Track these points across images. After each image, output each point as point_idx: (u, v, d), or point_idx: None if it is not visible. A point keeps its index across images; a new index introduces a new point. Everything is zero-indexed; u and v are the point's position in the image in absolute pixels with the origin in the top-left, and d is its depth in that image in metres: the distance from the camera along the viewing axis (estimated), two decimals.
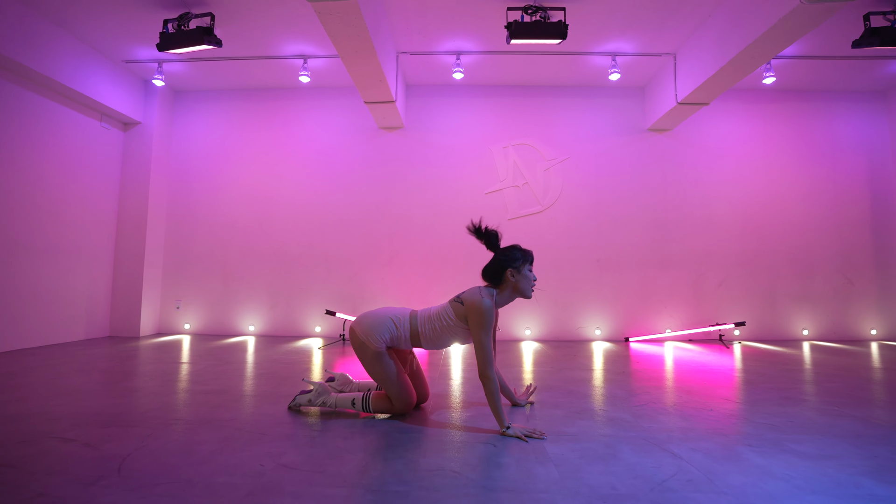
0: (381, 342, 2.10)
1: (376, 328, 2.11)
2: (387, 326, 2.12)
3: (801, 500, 1.37)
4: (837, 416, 2.24)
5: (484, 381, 1.95)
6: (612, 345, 4.86)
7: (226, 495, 1.38)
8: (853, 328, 5.21)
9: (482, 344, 1.97)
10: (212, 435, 1.91)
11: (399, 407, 2.16)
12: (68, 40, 4.31)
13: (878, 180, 5.37)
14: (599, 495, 1.39)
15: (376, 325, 2.12)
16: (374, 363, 2.10)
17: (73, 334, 4.68)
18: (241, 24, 4.16)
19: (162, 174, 5.40)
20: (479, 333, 1.98)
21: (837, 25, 4.04)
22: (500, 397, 1.97)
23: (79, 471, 1.54)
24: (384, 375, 2.11)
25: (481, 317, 1.98)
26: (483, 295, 2.03)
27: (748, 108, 5.42)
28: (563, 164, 5.33)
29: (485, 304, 2.00)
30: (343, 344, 4.72)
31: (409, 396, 2.15)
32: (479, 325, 1.98)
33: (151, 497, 1.36)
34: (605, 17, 4.08)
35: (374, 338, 2.10)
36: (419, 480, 1.49)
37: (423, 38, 4.42)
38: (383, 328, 2.11)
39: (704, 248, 5.27)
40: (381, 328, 2.11)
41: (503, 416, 1.93)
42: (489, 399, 1.94)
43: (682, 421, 2.16)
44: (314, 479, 1.50)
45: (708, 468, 1.60)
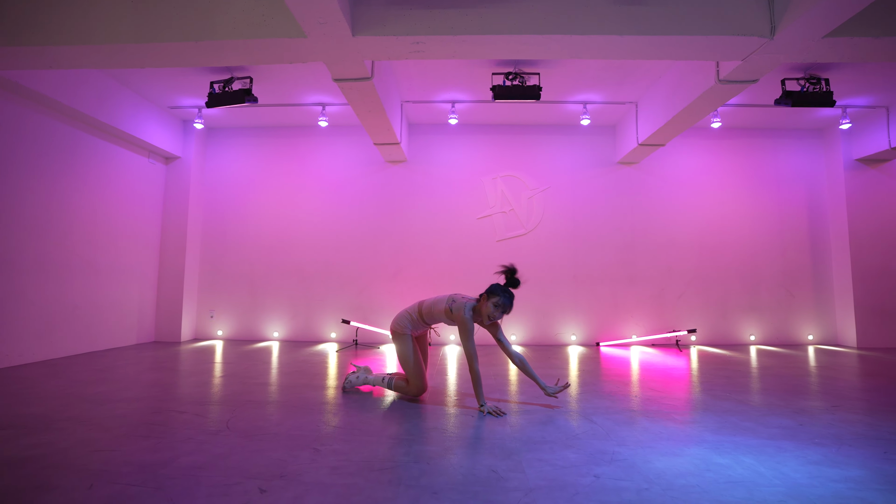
0: (406, 328, 2.99)
1: (401, 320, 3.01)
2: (406, 318, 3.00)
3: (657, 443, 2.22)
4: (723, 400, 3.09)
5: (472, 371, 2.73)
6: (584, 348, 5.71)
7: (302, 440, 2.23)
8: (793, 334, 6.06)
9: (465, 346, 2.77)
10: (277, 410, 2.76)
11: (414, 387, 2.95)
12: (128, 94, 5.19)
13: (815, 207, 6.24)
14: (532, 440, 2.24)
15: (401, 319, 3.02)
16: (401, 345, 2.96)
17: (126, 339, 5.54)
18: (275, 83, 5.04)
19: (198, 201, 6.27)
20: (463, 339, 2.79)
21: (767, 83, 4.90)
22: (480, 383, 2.74)
23: (203, 427, 2.39)
24: (406, 357, 2.93)
25: (463, 326, 2.77)
26: (466, 309, 2.79)
27: (704, 144, 6.29)
28: (544, 192, 6.20)
29: (465, 317, 2.78)
30: (356, 348, 5.57)
31: (424, 381, 2.97)
32: (464, 333, 2.77)
33: (256, 441, 2.21)
34: (575, 76, 4.95)
35: (400, 326, 3.00)
36: (422, 434, 2.34)
37: (423, 91, 5.30)
38: (405, 319, 3.00)
39: (666, 266, 6.13)
40: (404, 320, 3.01)
41: (481, 398, 2.73)
42: (474, 382, 2.73)
43: (611, 402, 3.01)
44: (355, 433, 2.34)
45: (610, 429, 2.45)
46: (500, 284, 2.87)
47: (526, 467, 1.91)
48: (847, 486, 1.75)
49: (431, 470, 1.88)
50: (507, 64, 4.62)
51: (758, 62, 3.42)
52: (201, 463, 1.93)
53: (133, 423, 2.48)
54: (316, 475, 1.82)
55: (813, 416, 2.68)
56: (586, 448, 2.14)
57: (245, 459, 1.97)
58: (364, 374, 3.22)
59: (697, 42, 3.18)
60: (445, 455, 2.04)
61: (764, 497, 1.65)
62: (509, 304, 2.82)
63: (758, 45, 3.17)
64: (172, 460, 1.95)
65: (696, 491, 1.70)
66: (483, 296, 2.85)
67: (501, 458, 2.01)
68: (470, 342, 2.78)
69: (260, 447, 2.12)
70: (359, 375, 3.22)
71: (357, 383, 3.22)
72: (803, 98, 4.49)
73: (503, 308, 2.79)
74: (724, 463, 1.96)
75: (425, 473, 1.84)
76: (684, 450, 2.12)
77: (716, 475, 1.84)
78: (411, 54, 3.35)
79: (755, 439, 2.27)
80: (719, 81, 3.81)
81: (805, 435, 2.34)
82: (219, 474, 1.82)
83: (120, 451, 2.06)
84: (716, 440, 2.26)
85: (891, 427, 2.49)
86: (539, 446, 2.16)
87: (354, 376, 3.23)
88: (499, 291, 2.81)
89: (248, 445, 2.14)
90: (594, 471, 1.88)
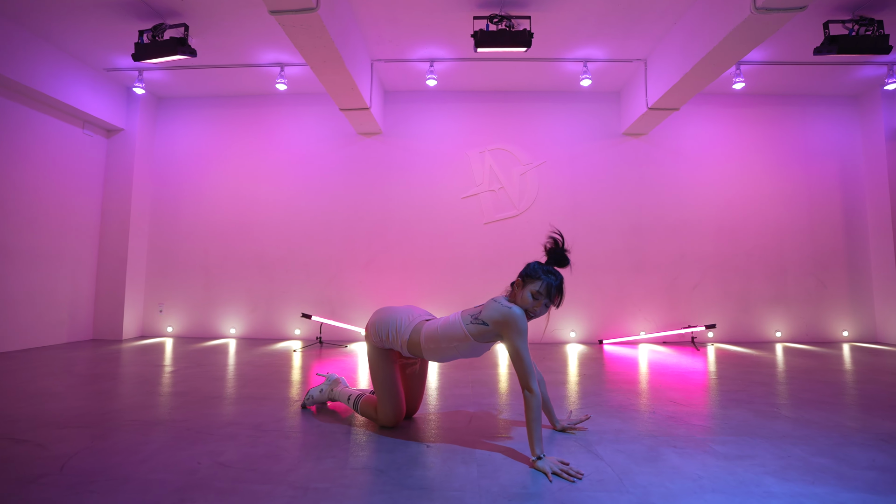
0: (377, 339, 2.05)
1: (380, 324, 2.05)
2: (389, 327, 2.03)
3: (699, 498, 1.45)
4: (772, 418, 2.32)
5: (527, 396, 1.72)
6: (585, 347, 4.94)
7: (156, 491, 1.46)
8: (825, 330, 5.28)
9: (520, 355, 1.76)
10: (160, 435, 1.99)
11: (383, 415, 2.07)
12: (47, 49, 4.40)
13: (850, 184, 5.44)
14: (505, 492, 1.47)
15: (381, 322, 2.06)
16: (370, 357, 2.10)
17: (55, 337, 4.77)
18: (217, 34, 4.25)
19: (145, 180, 5.49)
20: (517, 343, 1.78)
21: (801, 32, 4.11)
22: (540, 419, 1.71)
23: (23, 470, 1.62)
24: (377, 375, 2.08)
25: (515, 326, 1.78)
26: (504, 304, 1.84)
27: (722, 113, 5.49)
28: (538, 168, 5.41)
29: (515, 311, 1.80)
30: (320, 346, 4.80)
31: (396, 409, 2.06)
32: (517, 334, 1.78)
33: (84, 494, 1.44)
34: (573, 25, 4.16)
35: (374, 333, 2.06)
36: (342, 479, 1.57)
37: (395, 45, 4.51)
38: (385, 327, 2.03)
39: (679, 252, 5.35)
40: (383, 327, 2.04)
41: (539, 442, 1.67)
42: (528, 417, 1.70)
43: (620, 423, 2.24)
44: (244, 476, 1.58)
45: (624, 469, 1.67)
46: (540, 263, 1.92)
47: None
48: None
49: None
50: (490, 5, 3.83)
51: None
52: None
53: None
54: None
55: None
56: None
57: None
58: (330, 388, 2.41)
59: None
60: None
61: None
62: (558, 293, 1.86)
63: None
64: None
65: None
66: (517, 282, 1.90)
67: None
68: (525, 345, 1.79)
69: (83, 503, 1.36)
70: (322, 389, 2.42)
71: (320, 399, 2.41)
72: (852, 43, 3.68)
73: (549, 297, 1.85)
74: None
75: None
76: None
77: None
78: None
79: (847, 491, 1.50)
80: (756, 10, 3.01)
81: None
82: None
83: None
84: (788, 493, 1.48)
85: None
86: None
87: (318, 390, 2.42)
88: (541, 273, 1.86)
89: (62, 500, 1.38)
90: None
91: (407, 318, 2.03)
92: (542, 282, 1.84)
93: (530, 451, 1.69)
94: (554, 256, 1.91)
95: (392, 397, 2.07)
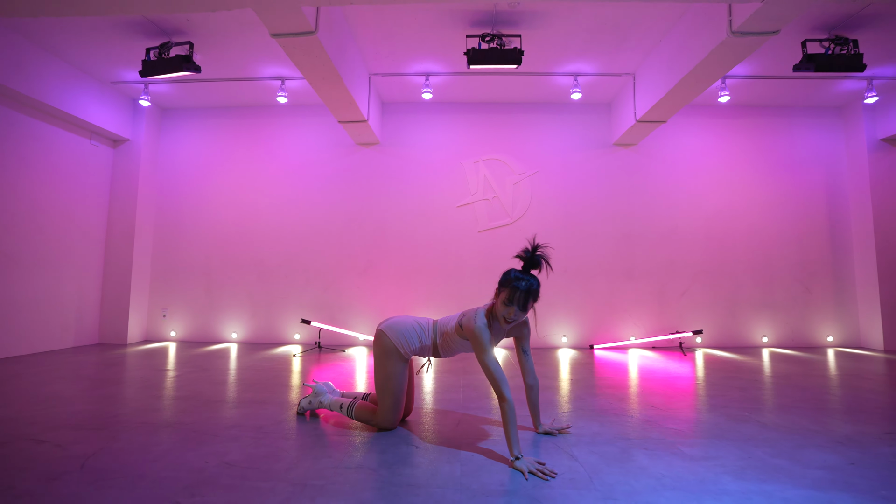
0: (410, 350, 2.19)
1: (408, 335, 2.18)
2: (416, 335, 2.19)
3: (658, 496, 1.60)
4: (742, 422, 2.47)
5: (500, 402, 1.86)
6: (576, 352, 5.08)
7: (169, 487, 1.62)
8: (811, 335, 5.43)
9: (486, 365, 1.91)
10: (169, 437, 2.14)
11: (382, 420, 2.20)
12: (57, 64, 4.57)
13: (835, 193, 5.60)
14: (484, 489, 1.62)
15: (407, 333, 2.19)
16: (392, 368, 2.17)
17: (62, 342, 4.93)
18: (221, 50, 4.42)
19: (149, 188, 5.65)
20: (480, 355, 1.95)
21: (783, 49, 4.27)
22: (515, 422, 1.84)
23: (46, 468, 1.77)
24: (390, 384, 2.17)
25: (475, 339, 1.97)
26: (477, 317, 2.01)
27: (711, 124, 5.65)
28: (531, 177, 5.57)
29: (476, 325, 1.98)
30: (319, 351, 4.96)
31: (397, 414, 2.21)
32: (478, 347, 1.96)
33: (104, 489, 1.60)
34: (563, 41, 4.32)
35: (405, 345, 2.18)
36: (337, 476, 1.72)
37: (392, 60, 4.67)
38: (413, 336, 2.19)
39: (668, 259, 5.50)
40: (412, 336, 2.19)
41: (516, 443, 1.81)
42: (504, 422, 1.84)
43: (599, 426, 2.39)
44: (248, 475, 1.73)
45: (596, 469, 1.83)
46: (516, 270, 2.02)
47: None
48: None
49: None
50: (483, 24, 3.99)
51: (780, 3, 2.78)
52: None
53: None
54: None
55: (864, 449, 2.06)
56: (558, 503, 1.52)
57: None
58: (318, 400, 2.46)
59: None
60: None
61: None
62: (524, 296, 1.93)
63: None
64: None
65: None
66: (496, 290, 2.05)
67: None
68: (487, 357, 1.93)
69: (101, 498, 1.51)
70: (311, 401, 2.47)
71: (310, 408, 2.48)
72: (828, 62, 3.85)
73: (517, 302, 1.93)
74: None
75: None
76: None
77: None
78: None
79: (795, 489, 1.65)
80: (732, 34, 3.17)
81: (863, 482, 1.71)
82: None
83: None
84: (741, 491, 1.63)
85: None
86: (492, 502, 1.54)
87: (307, 401, 2.49)
88: (511, 280, 1.96)
89: (87, 495, 1.53)
90: None
91: (423, 323, 2.25)
92: (508, 289, 1.96)
93: (509, 453, 1.84)
94: (526, 262, 2.02)
95: (397, 402, 2.21)
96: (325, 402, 2.46)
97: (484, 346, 1.95)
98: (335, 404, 2.42)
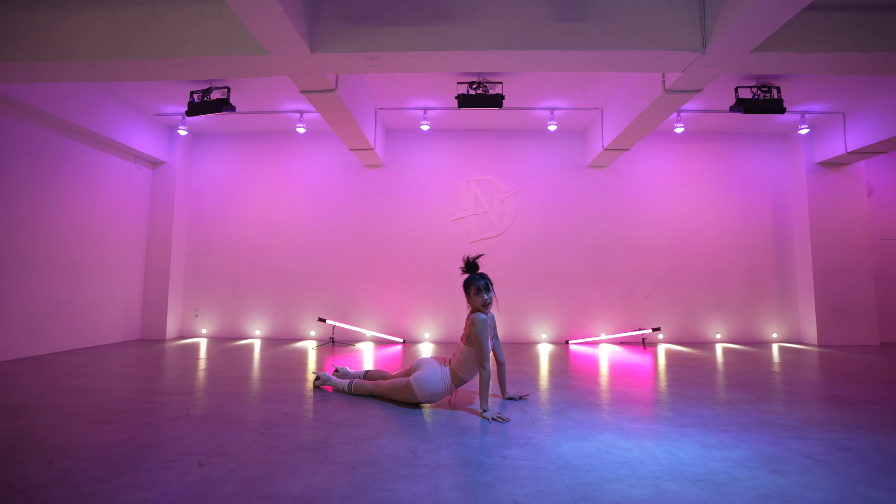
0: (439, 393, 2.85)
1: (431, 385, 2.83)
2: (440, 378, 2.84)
3: (575, 430, 2.43)
4: (659, 393, 3.30)
5: (480, 370, 2.67)
6: (554, 346, 5.92)
7: (252, 425, 2.44)
8: (758, 332, 6.26)
9: (479, 343, 2.67)
10: (236, 400, 2.98)
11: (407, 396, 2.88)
12: (111, 101, 5.41)
13: (779, 209, 6.44)
14: (461, 427, 2.46)
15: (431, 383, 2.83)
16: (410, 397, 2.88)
17: (112, 337, 5.76)
18: (252, 92, 5.26)
19: (183, 204, 6.49)
20: (478, 333, 2.69)
21: (724, 90, 5.09)
22: (488, 387, 2.65)
23: (164, 415, 2.60)
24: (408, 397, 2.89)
25: (474, 326, 2.71)
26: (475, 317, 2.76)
27: (671, 148, 6.50)
28: (516, 195, 6.41)
29: (477, 316, 2.75)
30: (332, 345, 5.79)
31: None
32: (477, 328, 2.70)
33: (211, 425, 2.43)
34: (537, 84, 5.15)
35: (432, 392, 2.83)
36: (363, 420, 2.55)
37: (396, 98, 5.51)
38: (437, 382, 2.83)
39: (635, 266, 6.34)
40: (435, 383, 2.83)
41: (485, 401, 2.63)
42: (480, 385, 2.66)
43: (553, 394, 3.22)
44: (300, 420, 2.56)
45: (538, 418, 2.66)
46: (467, 277, 2.92)
47: (443, 449, 2.12)
48: (724, 464, 1.97)
49: (357, 451, 2.09)
50: (471, 74, 4.84)
51: (696, 74, 3.62)
52: (154, 443, 2.15)
53: (100, 411, 2.69)
54: (253, 453, 2.04)
55: (734, 407, 2.89)
56: (506, 434, 2.35)
57: (194, 441, 2.19)
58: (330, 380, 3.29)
59: (636, 56, 3.39)
60: (375, 439, 2.26)
61: (644, 474, 1.87)
62: (484, 282, 2.84)
63: (692, 59, 3.38)
64: (128, 441, 2.17)
65: (586, 468, 1.91)
66: (467, 297, 2.87)
67: (425, 442, 2.22)
68: (483, 337, 2.70)
69: (211, 431, 2.34)
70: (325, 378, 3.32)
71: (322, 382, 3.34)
72: (755, 105, 4.70)
73: (484, 288, 2.82)
74: (626, 447, 2.17)
75: (350, 453, 2.06)
76: (596, 436, 2.33)
77: (612, 456, 2.05)
78: (369, 68, 3.57)
79: (668, 427, 2.48)
80: (666, 91, 4.02)
81: (715, 423, 2.55)
82: (167, 452, 2.03)
83: (83, 434, 2.28)
84: (630, 428, 2.47)
85: (798, 416, 2.70)
86: (464, 433, 2.37)
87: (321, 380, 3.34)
88: (471, 280, 2.86)
89: (200, 430, 2.36)
90: (503, 452, 2.09)
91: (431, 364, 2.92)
92: (474, 286, 2.83)
93: (479, 408, 2.68)
94: (468, 268, 2.93)
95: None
96: (330, 382, 3.30)
97: (480, 328, 2.72)
98: (340, 385, 3.22)
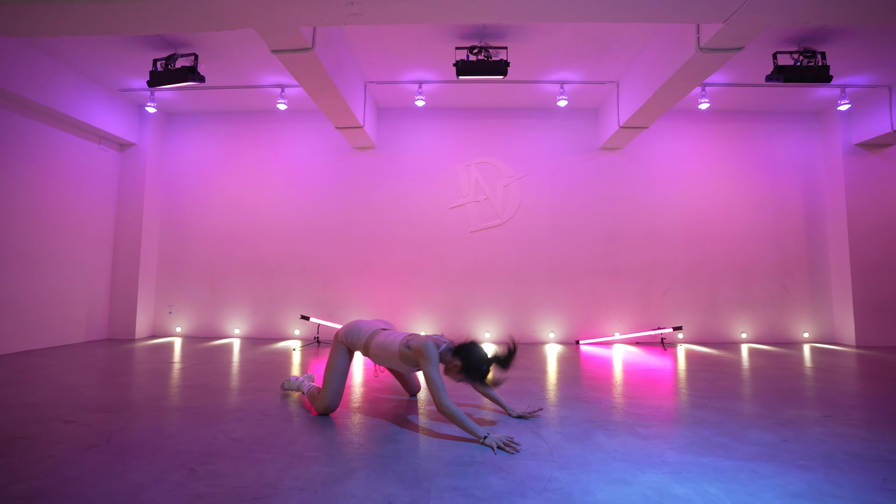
0: (346, 341, 2.53)
1: (349, 331, 2.55)
2: (354, 334, 2.53)
3: (607, 465, 1.85)
4: (698, 408, 2.72)
5: (443, 412, 2.11)
6: (563, 347, 5.34)
7: (184, 457, 1.87)
8: (788, 332, 5.68)
9: (432, 379, 2.17)
10: (181, 418, 2.40)
11: (321, 404, 2.46)
12: (68, 74, 4.81)
13: (811, 196, 5.84)
14: (457, 460, 1.88)
15: (350, 330, 2.55)
16: (334, 354, 2.52)
17: (74, 336, 5.19)
18: (224, 61, 4.66)
19: (155, 190, 5.90)
20: (428, 369, 2.19)
21: (757, 59, 4.50)
22: (464, 418, 2.09)
23: (77, 442, 2.03)
24: (332, 368, 2.48)
25: (427, 357, 2.22)
26: (429, 346, 2.25)
27: (692, 129, 5.89)
28: (521, 180, 5.81)
29: (429, 346, 2.24)
30: (318, 346, 5.21)
31: (333, 401, 2.45)
32: (427, 363, 2.20)
33: (130, 459, 1.85)
34: (547, 52, 4.55)
35: (343, 335, 2.54)
36: (329, 449, 1.98)
37: (387, 70, 4.91)
38: (352, 333, 2.53)
39: (651, 259, 5.75)
40: (351, 333, 2.53)
41: (475, 430, 2.07)
42: (456, 424, 2.12)
43: (569, 411, 2.64)
44: (252, 448, 1.98)
45: (557, 445, 2.08)
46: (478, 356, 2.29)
47: (433, 499, 1.54)
48: None
49: (316, 501, 1.52)
50: (471, 37, 4.23)
51: (742, 24, 3.02)
52: (34, 493, 1.57)
53: (1, 435, 2.12)
54: None
55: (800, 430, 2.31)
56: (518, 472, 1.78)
57: (94, 486, 1.61)
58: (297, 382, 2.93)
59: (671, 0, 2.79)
60: (343, 480, 1.68)
61: None
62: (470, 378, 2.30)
63: (739, 2, 2.78)
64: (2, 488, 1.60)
65: None
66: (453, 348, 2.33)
67: (408, 486, 1.64)
68: (434, 370, 2.20)
69: (125, 468, 1.76)
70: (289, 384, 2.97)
71: (290, 388, 2.95)
72: (797, 73, 4.09)
73: (470, 380, 2.31)
74: (683, 495, 1.60)
75: None
76: (638, 475, 1.76)
77: None
78: (349, 18, 2.96)
79: (727, 460, 1.90)
80: (700, 50, 3.42)
81: (788, 455, 1.97)
82: None
83: None
84: (679, 462, 1.89)
85: (891, 444, 2.12)
86: (462, 470, 1.80)
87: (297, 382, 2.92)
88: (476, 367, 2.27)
89: (112, 467, 1.79)
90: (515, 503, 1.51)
91: (367, 329, 2.55)
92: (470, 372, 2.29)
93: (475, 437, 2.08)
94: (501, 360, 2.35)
95: (334, 389, 2.46)
96: (291, 387, 2.93)
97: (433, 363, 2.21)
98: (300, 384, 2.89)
